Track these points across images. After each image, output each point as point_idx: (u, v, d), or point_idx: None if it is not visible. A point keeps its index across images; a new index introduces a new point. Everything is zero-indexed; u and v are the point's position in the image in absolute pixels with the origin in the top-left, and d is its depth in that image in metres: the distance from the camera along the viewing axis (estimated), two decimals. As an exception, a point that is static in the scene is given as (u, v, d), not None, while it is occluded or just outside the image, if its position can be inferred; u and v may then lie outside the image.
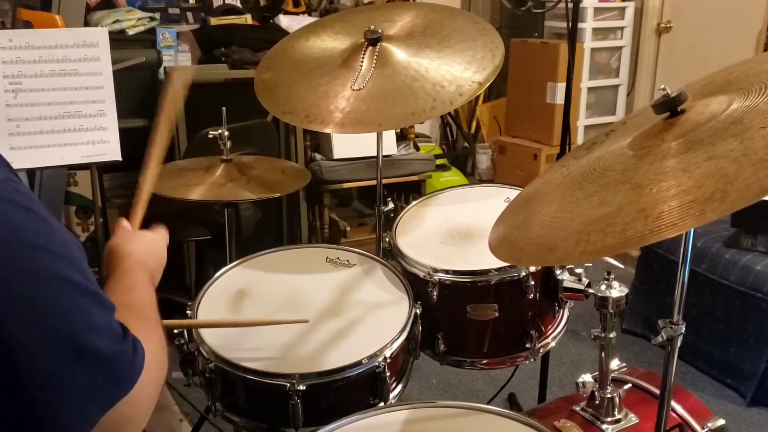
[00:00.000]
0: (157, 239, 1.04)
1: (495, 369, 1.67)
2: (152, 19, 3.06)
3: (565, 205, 0.92)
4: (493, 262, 1.27)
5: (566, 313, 1.57)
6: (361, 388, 1.23)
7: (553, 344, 1.53)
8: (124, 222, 1.04)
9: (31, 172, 2.18)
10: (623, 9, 4.03)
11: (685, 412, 1.25)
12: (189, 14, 3.31)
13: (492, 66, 1.42)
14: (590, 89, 4.09)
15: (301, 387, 1.15)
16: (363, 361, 1.19)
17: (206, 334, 1.27)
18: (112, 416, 0.68)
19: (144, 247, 0.99)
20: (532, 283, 1.42)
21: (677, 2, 3.95)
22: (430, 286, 1.42)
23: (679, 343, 1.02)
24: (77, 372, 0.66)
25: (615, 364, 1.35)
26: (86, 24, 2.83)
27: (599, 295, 1.22)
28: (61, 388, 0.65)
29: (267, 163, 1.89)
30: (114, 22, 2.92)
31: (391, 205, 1.73)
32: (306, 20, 3.19)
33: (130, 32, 2.96)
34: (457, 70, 1.42)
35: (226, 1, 3.39)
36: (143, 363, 0.72)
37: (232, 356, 1.21)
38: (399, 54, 1.48)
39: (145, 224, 1.08)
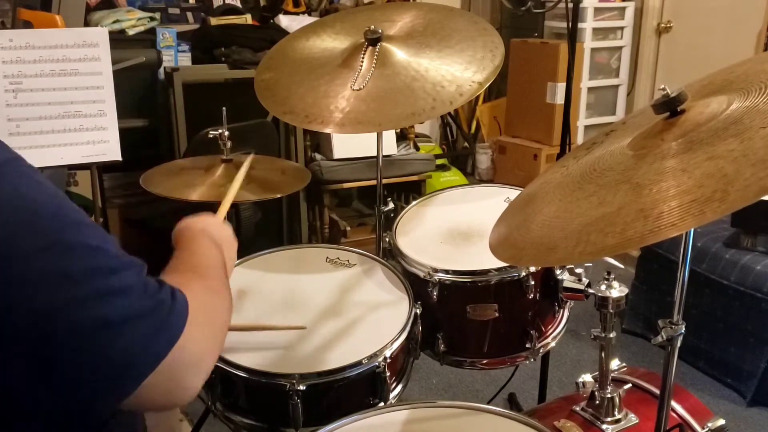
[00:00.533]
0: (225, 224, 1.10)
1: (495, 369, 1.67)
2: (152, 19, 3.06)
3: (565, 205, 0.92)
4: (493, 262, 1.27)
5: (566, 313, 1.57)
6: (361, 388, 1.23)
7: (553, 344, 1.53)
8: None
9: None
10: (623, 9, 4.03)
11: (685, 412, 1.25)
12: (189, 14, 3.31)
13: (492, 66, 1.42)
14: (590, 89, 4.09)
15: (301, 387, 1.15)
16: (363, 361, 1.19)
17: (206, 334, 1.27)
18: (166, 366, 0.69)
19: (210, 222, 1.04)
20: (532, 283, 1.42)
21: (677, 2, 3.95)
22: (430, 286, 1.42)
23: (679, 343, 1.02)
24: (113, 333, 0.66)
25: (615, 364, 1.34)
26: (86, 24, 2.83)
27: (599, 295, 1.22)
28: (99, 351, 0.65)
29: (267, 163, 1.89)
30: (114, 22, 2.92)
31: (391, 205, 1.73)
32: (306, 20, 3.19)
33: (130, 32, 2.96)
34: (457, 70, 1.42)
35: (226, 1, 3.39)
36: (186, 311, 0.72)
37: (232, 356, 1.21)
38: (399, 54, 1.48)
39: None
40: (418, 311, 1.33)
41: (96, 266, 0.67)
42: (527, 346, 1.47)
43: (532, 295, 1.44)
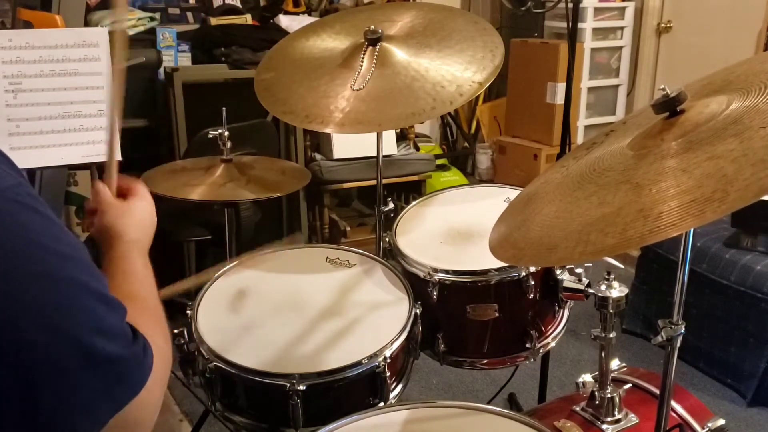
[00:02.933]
0: (144, 206, 0.99)
1: (495, 369, 1.67)
2: (152, 19, 3.06)
3: (565, 205, 0.92)
4: (493, 262, 1.27)
5: (566, 313, 1.56)
6: (361, 388, 1.23)
7: (553, 344, 1.53)
8: (104, 190, 0.98)
9: (31, 172, 2.18)
10: (623, 9, 4.03)
11: (685, 412, 1.25)
12: (189, 14, 3.31)
13: (492, 66, 1.42)
14: (590, 89, 4.09)
15: (301, 387, 1.15)
16: (363, 361, 1.19)
17: (206, 334, 1.27)
18: (122, 418, 0.68)
19: (135, 221, 0.95)
20: (532, 283, 1.42)
21: (677, 2, 3.95)
22: (430, 286, 1.42)
23: (679, 343, 1.02)
24: (87, 374, 0.65)
25: (615, 364, 1.34)
26: (86, 24, 2.83)
27: (599, 295, 1.22)
28: (70, 390, 0.65)
29: (267, 163, 1.90)
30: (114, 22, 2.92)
31: (391, 205, 1.73)
32: (306, 20, 3.19)
33: (130, 32, 2.96)
34: (457, 70, 1.42)
35: (226, 1, 3.39)
36: (153, 364, 0.72)
37: (232, 356, 1.21)
38: (399, 54, 1.48)
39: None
40: (418, 311, 1.33)
41: (85, 304, 0.66)
42: (527, 346, 1.47)
43: (532, 295, 1.44)
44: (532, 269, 1.42)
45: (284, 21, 3.34)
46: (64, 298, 0.65)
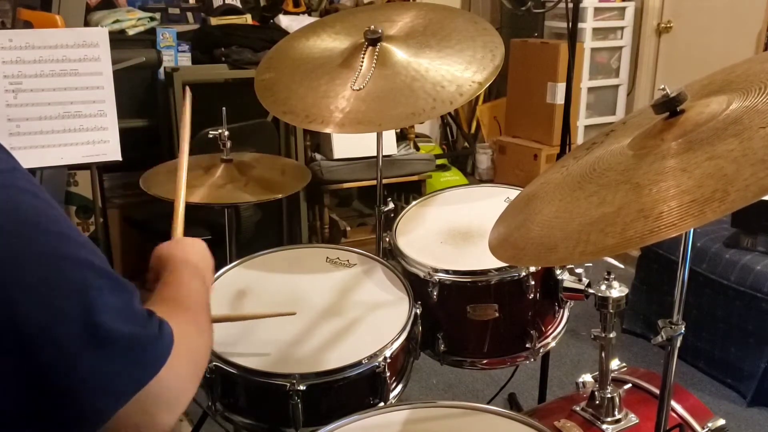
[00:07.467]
0: (198, 242, 1.04)
1: (495, 369, 1.67)
2: (152, 19, 3.06)
3: (565, 205, 0.92)
4: (493, 262, 1.27)
5: (566, 313, 1.56)
6: (361, 388, 1.23)
7: (553, 344, 1.53)
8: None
9: (31, 172, 2.18)
10: (623, 9, 4.03)
11: (685, 412, 1.25)
12: (189, 14, 3.31)
13: (492, 66, 1.42)
14: (590, 89, 4.09)
15: (301, 387, 1.15)
16: (363, 361, 1.19)
17: (206, 334, 1.27)
18: (143, 398, 0.67)
19: (188, 249, 0.99)
20: (532, 283, 1.42)
21: (677, 2, 3.95)
22: (430, 286, 1.42)
23: (679, 343, 1.02)
24: (97, 354, 0.64)
25: (615, 364, 1.34)
26: (86, 24, 2.83)
27: (599, 295, 1.22)
28: (81, 370, 0.64)
29: (267, 161, 1.89)
30: (114, 22, 2.92)
31: (391, 205, 1.73)
32: (306, 20, 3.19)
33: (130, 32, 2.96)
34: (457, 70, 1.42)
35: (226, 1, 3.39)
36: (171, 344, 0.71)
37: (232, 356, 1.21)
38: (399, 54, 1.48)
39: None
40: (418, 311, 1.33)
41: (88, 281, 0.66)
42: (527, 346, 1.47)
43: (532, 295, 1.44)
44: (532, 269, 1.42)
45: (284, 21, 3.34)
46: (64, 277, 0.64)
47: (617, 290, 1.22)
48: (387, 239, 1.58)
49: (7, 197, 0.64)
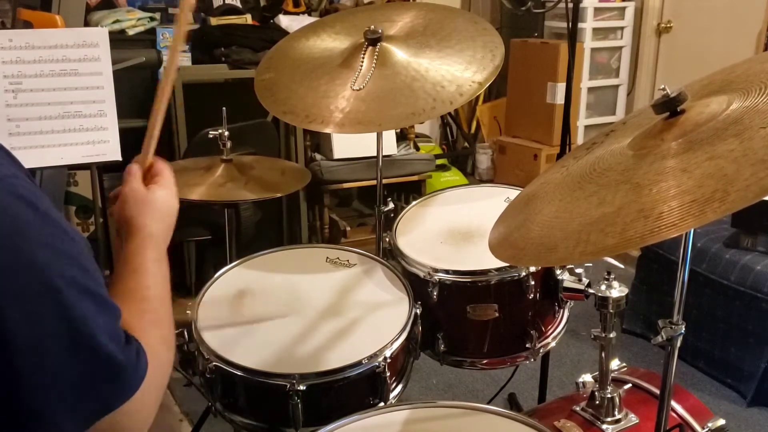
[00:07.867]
0: (167, 196, 0.97)
1: (495, 369, 1.67)
2: (152, 19, 3.06)
3: (565, 205, 0.92)
4: (493, 262, 1.27)
5: (566, 313, 1.56)
6: (361, 388, 1.23)
7: (553, 344, 1.53)
8: (136, 173, 0.98)
9: (31, 172, 2.18)
10: (623, 9, 4.03)
11: (685, 412, 1.25)
12: (189, 14, 3.31)
13: (492, 66, 1.42)
14: (590, 89, 4.09)
15: (301, 387, 1.15)
16: (363, 361, 1.19)
17: (206, 334, 1.27)
18: (110, 422, 0.67)
19: (155, 212, 0.93)
20: (532, 283, 1.42)
21: (677, 2, 3.95)
22: (430, 286, 1.42)
23: (679, 343, 1.02)
24: (74, 372, 0.65)
25: (615, 364, 1.34)
26: (86, 24, 2.83)
27: (599, 295, 1.22)
28: (56, 387, 0.64)
29: (267, 163, 1.89)
30: (114, 22, 2.92)
31: (391, 205, 1.73)
32: (306, 20, 3.19)
33: (130, 32, 2.96)
34: (457, 70, 1.42)
35: (226, 1, 3.39)
36: (146, 370, 0.71)
37: (232, 356, 1.21)
38: (399, 54, 1.48)
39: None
40: (418, 311, 1.33)
41: (71, 300, 0.65)
42: (527, 346, 1.47)
43: (532, 295, 1.44)
44: (532, 269, 1.41)
45: (284, 21, 3.34)
46: (54, 294, 0.64)
47: (617, 290, 1.22)
48: (387, 239, 1.58)
49: (6, 205, 0.64)
